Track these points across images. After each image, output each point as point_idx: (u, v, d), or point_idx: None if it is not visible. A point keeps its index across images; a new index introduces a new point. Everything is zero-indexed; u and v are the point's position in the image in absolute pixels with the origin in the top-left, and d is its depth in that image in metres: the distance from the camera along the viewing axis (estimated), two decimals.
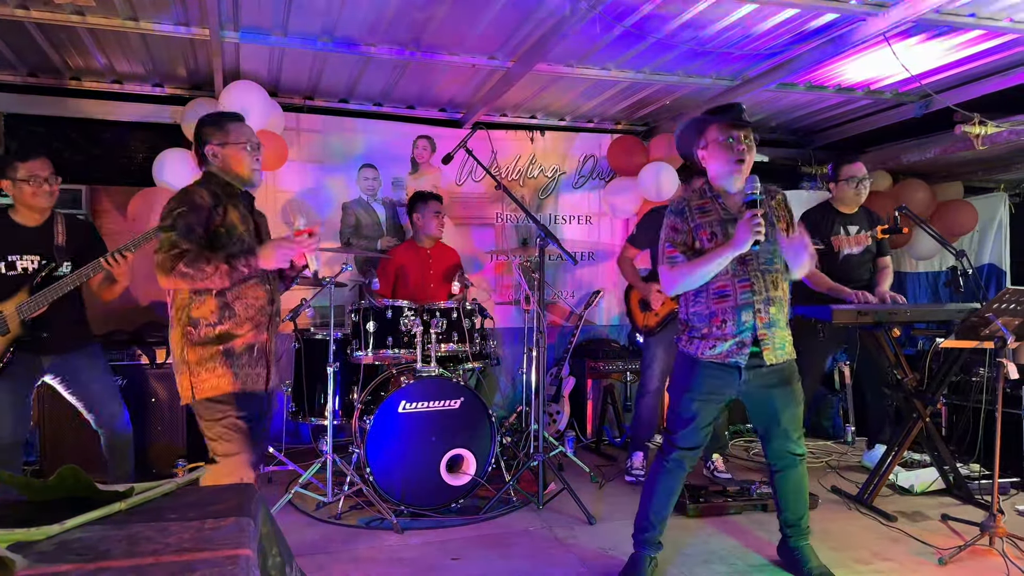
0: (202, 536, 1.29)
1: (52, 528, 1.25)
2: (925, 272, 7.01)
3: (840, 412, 5.80)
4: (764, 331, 2.88)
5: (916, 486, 4.26)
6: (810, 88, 5.10)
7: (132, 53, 4.58)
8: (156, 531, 1.29)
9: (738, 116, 2.87)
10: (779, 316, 2.92)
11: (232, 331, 2.69)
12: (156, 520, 1.36)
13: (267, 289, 2.83)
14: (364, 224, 5.67)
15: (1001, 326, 3.26)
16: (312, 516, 3.83)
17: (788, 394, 2.98)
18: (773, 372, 2.94)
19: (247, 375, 2.73)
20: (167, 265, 2.57)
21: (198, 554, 1.20)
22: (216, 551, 1.22)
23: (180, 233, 2.60)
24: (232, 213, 2.74)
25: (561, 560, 3.29)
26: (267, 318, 2.82)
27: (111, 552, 1.20)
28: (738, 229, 2.77)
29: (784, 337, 2.95)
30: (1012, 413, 4.44)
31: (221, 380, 2.68)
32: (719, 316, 2.91)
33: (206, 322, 2.68)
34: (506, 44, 4.41)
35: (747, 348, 2.88)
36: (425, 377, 3.92)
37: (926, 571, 3.17)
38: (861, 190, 4.46)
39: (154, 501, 1.49)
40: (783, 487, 3.11)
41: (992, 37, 4.07)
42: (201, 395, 2.68)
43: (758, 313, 2.87)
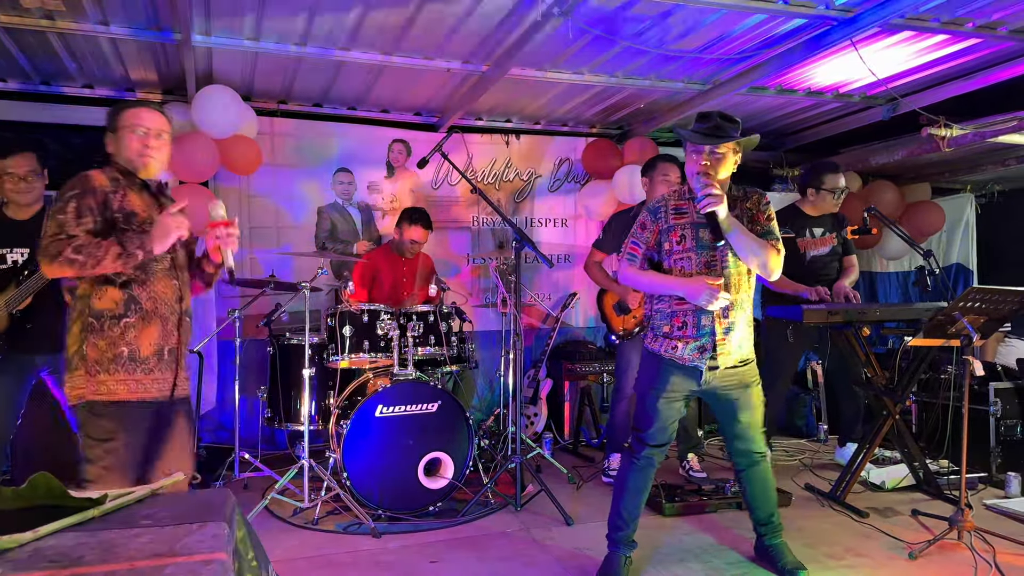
0: (176, 541, 1.29)
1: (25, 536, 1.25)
2: (895, 272, 7.13)
3: (813, 411, 5.88)
4: (723, 336, 2.94)
5: (887, 482, 4.34)
6: (780, 92, 5.17)
7: (103, 57, 4.53)
8: (130, 537, 1.29)
9: (710, 130, 2.91)
10: (739, 319, 2.96)
11: (138, 327, 2.49)
12: (130, 526, 1.36)
13: (175, 284, 2.63)
14: (339, 228, 5.66)
15: (967, 324, 3.33)
16: (289, 522, 3.81)
17: (747, 396, 3.04)
18: (732, 374, 2.99)
19: (152, 380, 2.52)
20: (51, 250, 2.35)
21: (173, 559, 1.20)
22: (191, 556, 1.22)
23: (71, 216, 2.41)
24: (132, 199, 2.54)
25: (539, 561, 3.31)
26: (176, 316, 2.61)
27: (85, 559, 1.20)
28: (694, 289, 2.84)
29: (743, 339, 2.99)
30: (979, 410, 4.53)
31: (119, 385, 2.45)
32: (679, 317, 2.97)
33: (110, 314, 2.45)
34: (480, 48, 4.43)
35: (707, 353, 2.94)
36: (402, 381, 3.92)
37: (897, 565, 3.23)
38: (840, 200, 4.56)
39: (128, 507, 1.48)
40: (750, 486, 3.18)
41: (956, 41, 4.16)
42: (93, 396, 2.43)
43: (718, 318, 2.93)
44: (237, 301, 5.07)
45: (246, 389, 4.86)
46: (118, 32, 4.08)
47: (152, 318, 2.52)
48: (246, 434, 4.76)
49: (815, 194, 4.57)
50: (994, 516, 3.87)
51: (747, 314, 3.01)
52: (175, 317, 2.61)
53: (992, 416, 4.53)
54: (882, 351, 5.57)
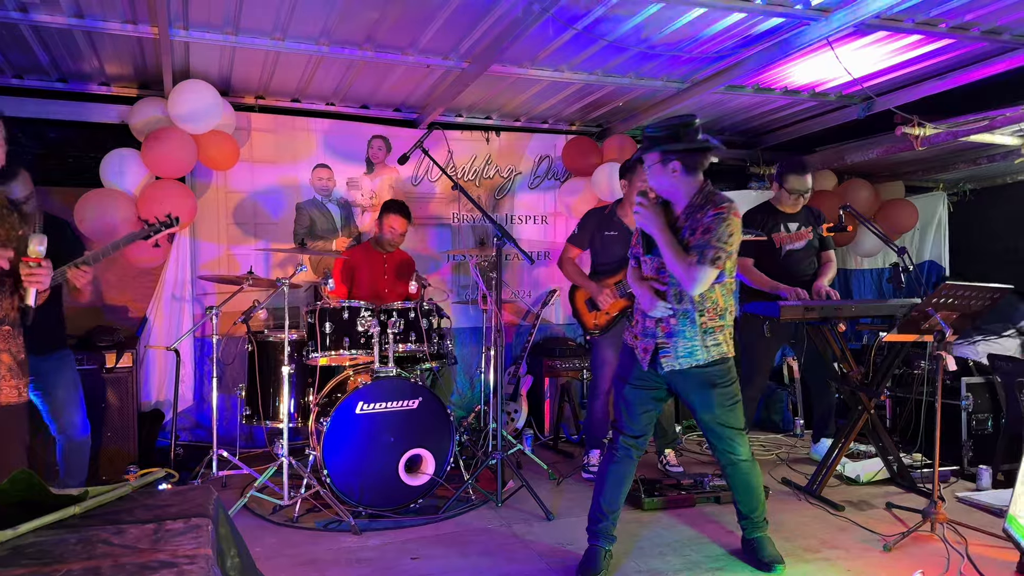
0: (159, 538, 1.28)
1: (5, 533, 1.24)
2: (869, 269, 7.23)
3: (789, 406, 5.95)
4: (664, 340, 3.02)
5: (862, 476, 4.40)
6: (758, 90, 5.22)
7: (78, 51, 4.47)
8: (112, 534, 1.29)
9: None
10: (685, 327, 2.99)
11: None
12: (112, 523, 1.35)
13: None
14: (319, 225, 5.62)
15: (940, 320, 3.39)
16: (268, 520, 3.79)
17: (707, 397, 3.05)
18: (691, 375, 3.03)
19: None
20: None
21: (155, 555, 1.20)
22: (174, 552, 1.22)
23: None
24: None
25: (520, 556, 3.33)
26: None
27: (66, 556, 1.19)
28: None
29: (692, 345, 3.00)
30: (951, 404, 4.61)
31: None
32: (635, 316, 3.17)
33: None
34: (460, 45, 4.42)
35: (648, 355, 3.06)
36: (383, 378, 3.91)
37: (872, 557, 3.28)
38: (799, 201, 4.61)
39: (109, 504, 1.48)
40: (731, 484, 3.24)
41: (930, 41, 4.23)
42: None
43: (660, 323, 3.02)
44: (214, 298, 5.03)
45: (224, 387, 4.84)
46: (93, 25, 4.02)
47: None
48: (224, 432, 4.72)
49: (778, 189, 4.64)
50: (966, 508, 3.94)
51: (698, 322, 2.98)
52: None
53: (964, 410, 4.62)
54: (857, 347, 5.65)
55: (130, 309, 5.17)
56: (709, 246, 2.85)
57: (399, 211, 4.83)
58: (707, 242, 2.86)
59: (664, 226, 2.99)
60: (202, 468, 4.37)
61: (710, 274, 2.87)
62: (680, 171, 2.97)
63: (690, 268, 2.88)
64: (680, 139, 2.96)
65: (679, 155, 2.96)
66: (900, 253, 4.09)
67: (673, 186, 3.02)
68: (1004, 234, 6.61)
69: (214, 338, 4.30)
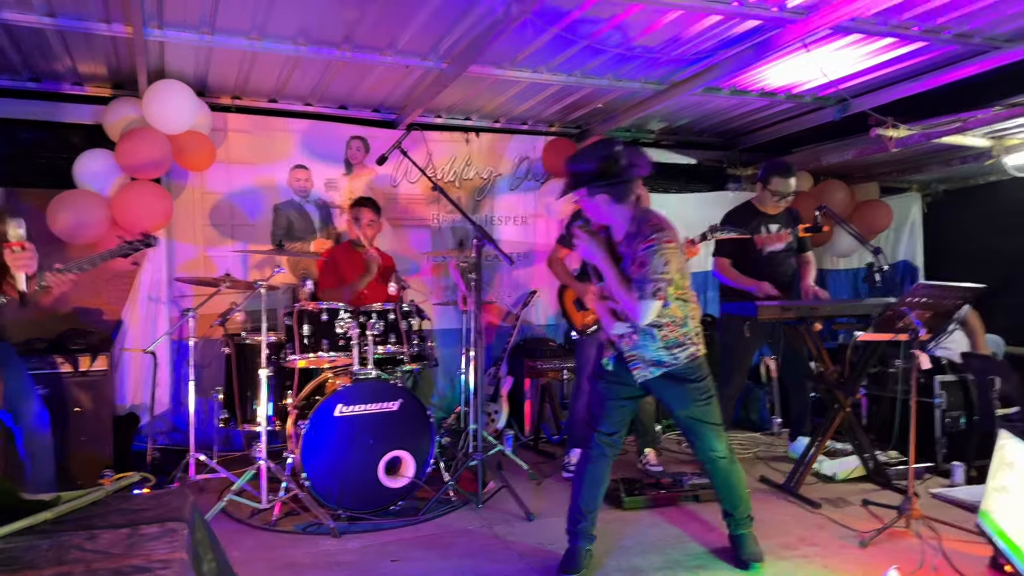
0: (133, 542, 1.27)
1: None
2: (845, 269, 7.31)
3: (767, 405, 6.00)
4: (631, 352, 3.07)
5: (839, 474, 4.45)
6: (734, 92, 5.26)
7: (50, 50, 4.41)
8: (85, 539, 1.27)
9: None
10: (647, 342, 3.02)
11: None
12: (85, 528, 1.33)
13: None
14: (297, 226, 5.59)
15: (914, 319, 3.44)
16: (247, 523, 3.76)
17: (681, 393, 3.08)
18: (662, 376, 3.06)
19: None
20: None
21: (129, 560, 1.19)
22: (148, 556, 1.20)
23: None
24: None
25: (501, 557, 3.32)
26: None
27: (38, 562, 1.18)
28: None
29: (658, 356, 3.02)
30: (925, 402, 4.67)
31: None
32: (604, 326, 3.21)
33: None
34: (439, 45, 4.41)
35: (611, 355, 3.13)
36: (362, 380, 3.89)
37: (848, 554, 3.32)
38: (781, 204, 4.65)
39: (83, 510, 1.45)
40: (712, 481, 3.26)
41: (903, 44, 4.28)
42: None
43: (623, 338, 3.07)
44: (191, 300, 4.98)
45: (201, 390, 4.78)
46: (66, 24, 3.97)
47: None
48: (201, 436, 4.66)
49: (761, 190, 4.68)
50: (940, 504, 4.00)
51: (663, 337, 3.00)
52: None
53: (937, 408, 4.68)
54: (833, 346, 5.70)
55: (104, 312, 5.10)
56: (647, 281, 2.86)
57: (366, 203, 4.86)
58: (644, 277, 2.86)
59: (607, 257, 3.00)
60: (179, 472, 4.32)
61: (653, 307, 2.89)
62: (610, 202, 2.96)
63: (634, 304, 2.90)
64: (605, 174, 2.91)
65: (604, 188, 2.94)
66: (875, 253, 4.14)
67: (606, 216, 3.02)
68: (977, 234, 6.71)
69: (191, 341, 4.25)
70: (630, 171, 2.93)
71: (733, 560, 3.21)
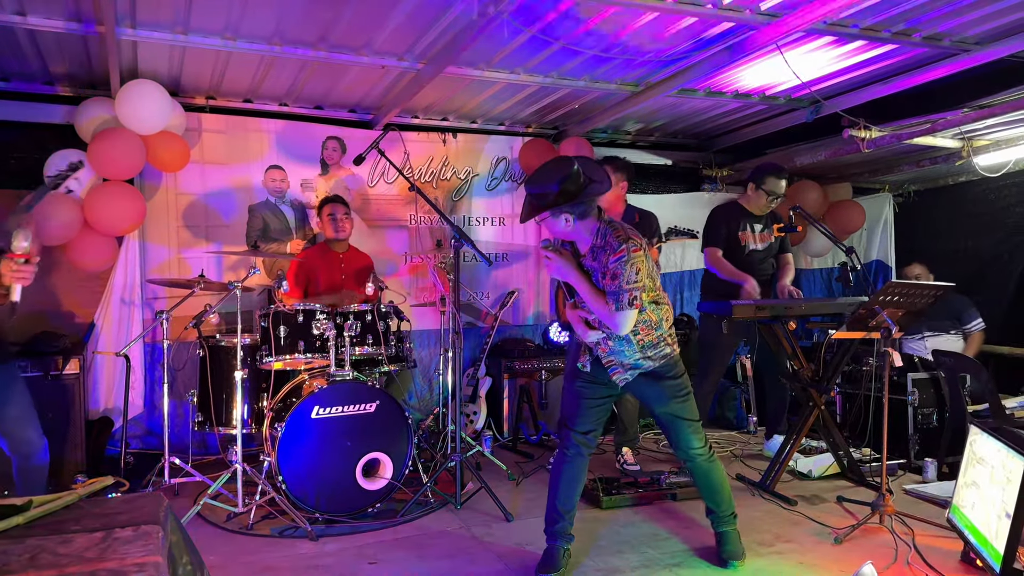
0: (107, 546, 1.25)
1: None
2: (819, 269, 7.40)
3: (742, 403, 6.05)
4: (609, 359, 3.11)
5: (814, 471, 4.50)
6: (709, 94, 5.30)
7: (20, 50, 4.33)
8: (58, 543, 1.25)
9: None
10: (623, 347, 3.05)
11: None
12: (58, 532, 1.31)
13: None
14: (272, 227, 5.54)
15: (887, 317, 3.49)
16: (223, 527, 3.72)
17: (659, 391, 3.11)
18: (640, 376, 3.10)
19: None
20: None
21: (103, 564, 1.17)
22: (123, 560, 1.19)
23: None
24: None
25: (480, 558, 3.32)
26: None
27: (9, 567, 1.16)
28: None
29: (635, 360, 3.06)
30: (898, 399, 4.74)
31: None
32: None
33: None
34: (415, 46, 4.40)
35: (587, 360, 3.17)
36: (339, 381, 3.87)
37: (824, 550, 3.36)
38: (772, 204, 4.72)
39: (56, 514, 1.43)
40: (695, 479, 3.30)
41: (874, 47, 4.34)
42: None
43: (598, 344, 3.10)
44: (164, 302, 4.92)
45: (175, 393, 4.74)
46: (36, 23, 3.90)
47: None
48: (176, 439, 4.62)
49: (754, 190, 4.75)
50: (913, 500, 4.06)
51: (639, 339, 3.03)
52: None
53: (910, 405, 4.75)
54: (807, 345, 5.77)
55: (76, 314, 5.02)
56: (622, 291, 2.88)
57: (337, 200, 4.90)
58: (618, 288, 2.89)
59: (578, 273, 3.03)
60: (153, 476, 4.27)
61: (631, 315, 2.91)
62: (573, 220, 2.99)
63: (611, 316, 2.93)
64: (565, 194, 2.92)
65: (567, 209, 2.95)
66: (848, 253, 4.19)
67: (571, 233, 3.05)
68: (947, 234, 6.83)
69: (165, 343, 4.20)
70: (591, 187, 2.96)
71: (714, 558, 3.24)
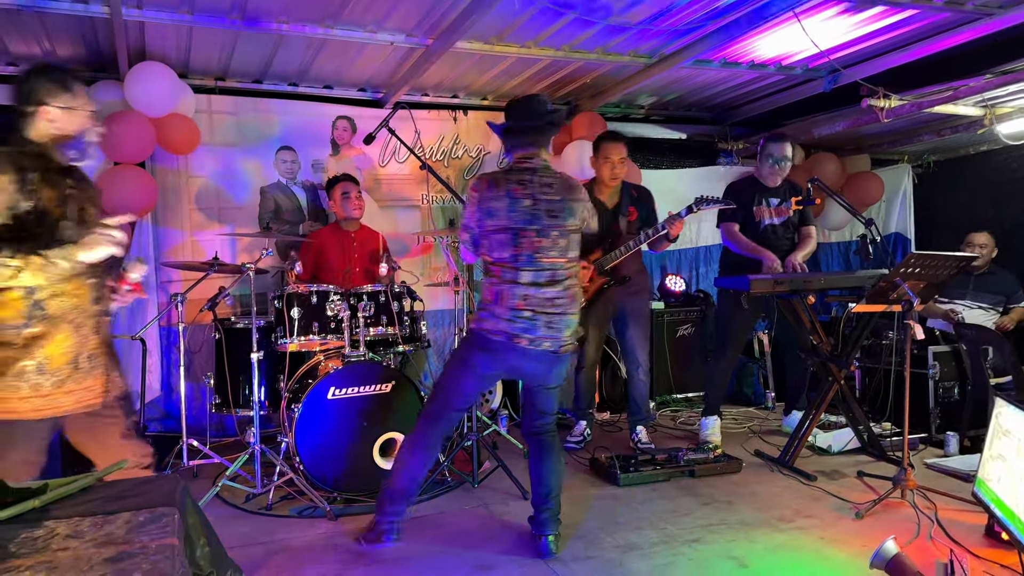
0: (123, 528, 1.24)
1: None
2: (837, 242, 7.31)
3: (760, 379, 6.01)
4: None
5: (833, 446, 4.46)
6: (725, 65, 5.20)
7: (27, 33, 4.31)
8: (73, 526, 1.24)
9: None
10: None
11: (43, 338, 2.24)
12: (74, 515, 1.30)
13: (92, 283, 2.37)
14: (284, 208, 5.52)
15: (908, 290, 3.43)
16: (242, 508, 3.74)
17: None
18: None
19: (70, 392, 2.28)
20: None
21: (120, 547, 1.16)
22: (139, 543, 1.17)
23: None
24: (46, 194, 2.25)
25: (498, 535, 3.32)
26: (93, 319, 2.37)
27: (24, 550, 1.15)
28: None
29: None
30: (919, 373, 4.69)
31: (22, 404, 2.20)
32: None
33: (11, 325, 2.19)
34: (424, 21, 4.34)
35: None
36: (354, 362, 3.86)
37: (844, 525, 3.33)
38: (776, 169, 4.60)
39: (71, 497, 1.42)
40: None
41: (894, 12, 4.23)
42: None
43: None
44: (180, 285, 4.93)
45: (192, 375, 4.75)
46: (43, 4, 3.88)
47: (61, 325, 2.27)
48: (194, 422, 4.63)
49: (760, 161, 4.66)
50: (935, 474, 4.01)
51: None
52: (91, 321, 2.36)
53: (931, 379, 4.69)
54: (826, 319, 5.71)
55: None
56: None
57: (348, 178, 4.86)
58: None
59: None
60: (172, 458, 4.29)
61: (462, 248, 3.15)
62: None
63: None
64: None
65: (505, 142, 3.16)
66: (867, 225, 4.12)
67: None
68: (968, 204, 6.71)
69: (180, 326, 4.21)
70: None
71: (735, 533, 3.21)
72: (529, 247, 2.94)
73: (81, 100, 2.37)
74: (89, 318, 2.35)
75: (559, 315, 2.97)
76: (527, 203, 2.94)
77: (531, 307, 2.92)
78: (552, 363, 3.02)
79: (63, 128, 2.33)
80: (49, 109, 2.30)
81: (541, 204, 2.95)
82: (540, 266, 2.95)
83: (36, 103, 2.30)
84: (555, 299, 2.96)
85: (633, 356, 4.64)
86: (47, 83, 2.32)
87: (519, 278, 2.93)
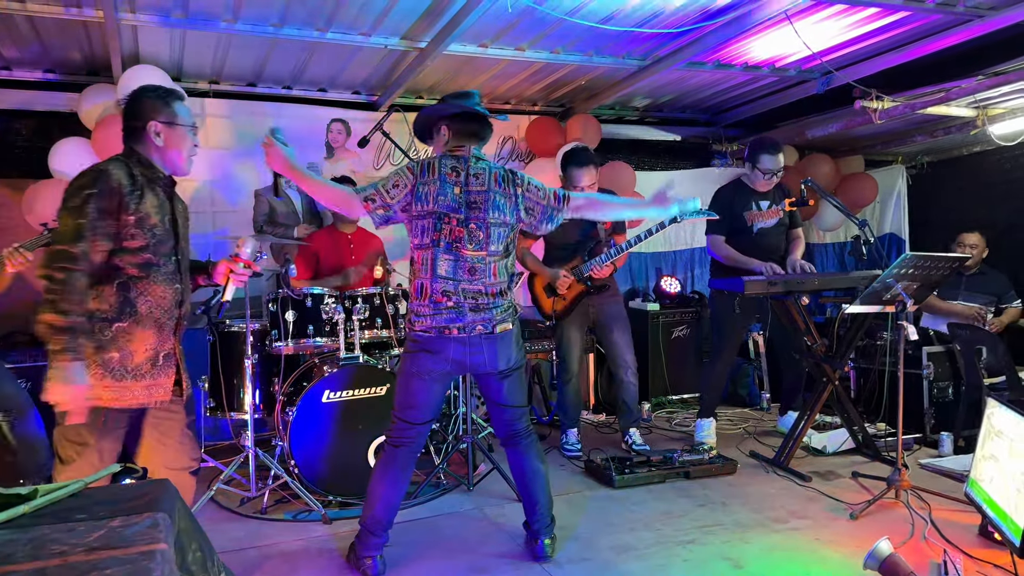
0: (113, 534, 1.24)
1: None
2: (831, 243, 7.33)
3: (755, 380, 6.02)
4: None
5: (828, 447, 4.47)
6: (718, 67, 5.22)
7: (20, 37, 4.31)
8: (63, 532, 1.24)
9: None
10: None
11: (130, 333, 2.38)
12: (63, 521, 1.30)
13: (177, 288, 2.53)
14: (279, 212, 5.49)
15: (901, 291, 3.44)
16: (236, 512, 3.73)
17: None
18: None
19: (146, 387, 2.42)
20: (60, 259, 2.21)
21: (109, 552, 1.15)
22: (128, 548, 1.17)
23: (90, 221, 2.26)
24: (149, 200, 2.42)
25: (493, 538, 3.32)
26: (173, 321, 2.52)
27: (14, 556, 1.14)
28: None
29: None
30: (912, 373, 4.69)
31: (106, 392, 2.34)
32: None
33: (101, 316, 2.34)
34: (418, 24, 4.34)
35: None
36: (349, 365, 3.86)
37: (839, 525, 3.33)
38: (771, 180, 4.59)
39: (61, 502, 1.42)
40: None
41: (886, 14, 4.25)
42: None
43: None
44: None
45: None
46: (36, 9, 3.88)
47: (147, 323, 2.42)
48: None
49: (751, 169, 4.62)
50: (929, 474, 4.02)
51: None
52: (172, 322, 2.51)
53: (925, 379, 4.70)
54: (821, 320, 5.72)
55: None
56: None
57: (341, 180, 4.81)
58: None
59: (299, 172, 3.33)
60: None
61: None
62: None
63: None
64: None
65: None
66: (861, 226, 4.12)
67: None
68: (961, 205, 6.73)
69: None
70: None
71: (729, 535, 3.21)
72: (448, 235, 2.91)
73: (183, 117, 2.56)
74: (172, 319, 2.51)
75: (485, 296, 2.92)
76: (456, 190, 2.95)
77: (451, 298, 2.89)
78: (491, 345, 2.93)
79: (167, 142, 2.52)
80: (154, 124, 2.49)
81: (466, 194, 2.95)
82: (458, 256, 2.90)
83: (144, 119, 2.49)
84: (477, 293, 2.91)
85: (621, 359, 4.60)
86: (153, 100, 2.52)
87: (438, 269, 2.91)
